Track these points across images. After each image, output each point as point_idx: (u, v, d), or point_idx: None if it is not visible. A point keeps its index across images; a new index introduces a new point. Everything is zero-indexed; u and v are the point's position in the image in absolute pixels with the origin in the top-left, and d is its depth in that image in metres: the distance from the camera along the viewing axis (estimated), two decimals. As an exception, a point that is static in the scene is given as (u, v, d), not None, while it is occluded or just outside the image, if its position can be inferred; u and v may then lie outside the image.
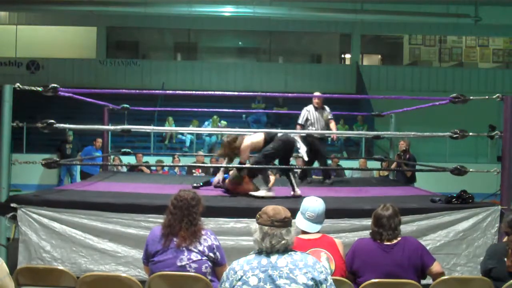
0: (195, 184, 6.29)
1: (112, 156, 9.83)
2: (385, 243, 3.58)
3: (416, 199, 5.65)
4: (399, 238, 3.62)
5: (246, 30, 19.08)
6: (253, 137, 5.67)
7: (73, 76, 17.69)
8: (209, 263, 3.43)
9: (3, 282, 2.54)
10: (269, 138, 5.59)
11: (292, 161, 8.18)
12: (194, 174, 10.05)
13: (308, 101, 7.39)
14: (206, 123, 14.52)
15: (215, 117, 14.38)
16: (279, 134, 5.67)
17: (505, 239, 3.98)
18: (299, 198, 5.19)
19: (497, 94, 5.20)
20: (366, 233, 4.50)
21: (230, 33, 19.78)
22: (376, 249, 3.58)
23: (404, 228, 4.08)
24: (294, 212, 3.39)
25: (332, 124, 7.37)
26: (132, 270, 4.47)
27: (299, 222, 3.60)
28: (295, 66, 18.96)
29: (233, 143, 5.57)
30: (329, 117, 7.31)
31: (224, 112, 13.74)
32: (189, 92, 14.34)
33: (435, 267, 3.59)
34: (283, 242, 2.66)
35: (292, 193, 5.60)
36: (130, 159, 11.45)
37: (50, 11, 17.75)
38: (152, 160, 12.10)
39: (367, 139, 14.38)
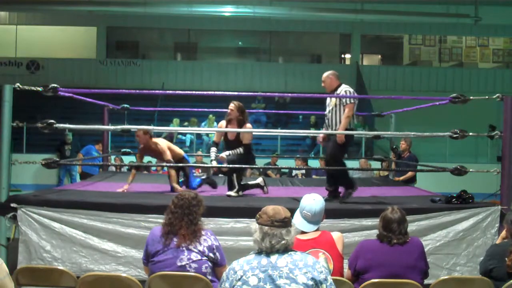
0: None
1: (113, 157, 9.81)
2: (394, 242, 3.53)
3: (416, 199, 5.66)
4: (407, 240, 3.57)
5: (246, 30, 19.06)
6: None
7: (73, 76, 17.66)
8: (209, 263, 3.43)
9: (3, 282, 2.54)
10: None
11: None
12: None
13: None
14: (203, 123, 14.47)
15: (210, 116, 14.28)
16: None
17: (501, 236, 4.00)
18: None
19: (497, 94, 5.20)
20: (366, 233, 4.52)
21: (230, 33, 19.76)
22: (383, 249, 3.51)
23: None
24: (294, 212, 3.39)
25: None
26: (132, 270, 4.47)
27: (296, 219, 3.51)
28: (295, 66, 18.94)
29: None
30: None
31: (224, 112, 13.66)
32: (189, 92, 14.31)
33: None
34: (283, 242, 2.66)
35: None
36: (130, 159, 11.42)
37: (50, 11, 17.74)
38: (152, 160, 12.06)
39: (367, 139, 14.36)
